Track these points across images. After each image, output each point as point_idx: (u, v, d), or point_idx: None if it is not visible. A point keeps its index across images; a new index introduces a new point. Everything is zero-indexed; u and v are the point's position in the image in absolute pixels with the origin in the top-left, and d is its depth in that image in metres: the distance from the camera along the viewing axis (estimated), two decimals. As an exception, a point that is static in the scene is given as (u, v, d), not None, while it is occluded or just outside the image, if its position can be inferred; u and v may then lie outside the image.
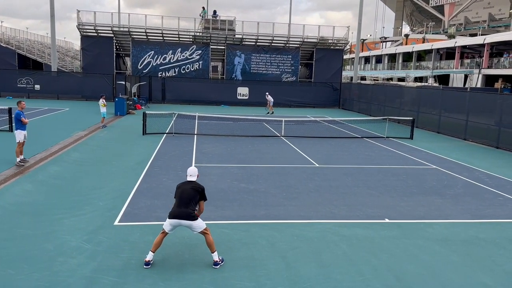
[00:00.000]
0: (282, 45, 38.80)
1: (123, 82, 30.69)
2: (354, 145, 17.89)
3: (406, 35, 73.90)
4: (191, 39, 37.88)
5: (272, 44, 38.64)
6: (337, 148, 16.99)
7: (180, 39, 37.54)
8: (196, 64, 37.54)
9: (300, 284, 5.87)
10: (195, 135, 18.75)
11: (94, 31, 36.17)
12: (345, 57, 55.06)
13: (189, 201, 6.18)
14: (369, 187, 11.07)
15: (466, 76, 45.34)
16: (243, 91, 37.15)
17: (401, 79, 54.54)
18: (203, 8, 40.21)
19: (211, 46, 37.87)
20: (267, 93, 30.92)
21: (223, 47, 38.48)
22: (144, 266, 6.15)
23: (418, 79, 52.04)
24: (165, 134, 18.48)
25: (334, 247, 7.18)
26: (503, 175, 13.04)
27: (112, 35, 36.26)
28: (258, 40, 38.26)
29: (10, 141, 14.03)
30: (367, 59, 72.83)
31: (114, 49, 36.71)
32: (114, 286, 5.64)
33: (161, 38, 37.08)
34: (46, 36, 55.22)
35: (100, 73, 34.24)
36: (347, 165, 13.84)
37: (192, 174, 6.48)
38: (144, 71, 36.54)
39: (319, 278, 6.08)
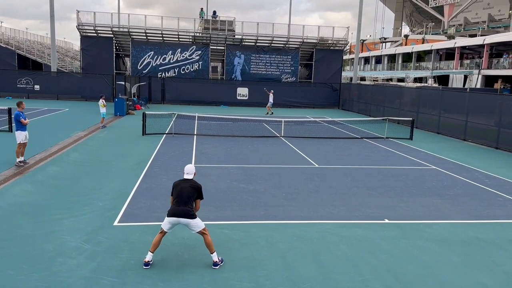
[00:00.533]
0: (282, 45, 38.81)
1: (123, 83, 30.69)
2: (354, 145, 17.89)
3: (406, 36, 73.88)
4: (190, 40, 37.88)
5: (272, 44, 38.66)
6: (336, 148, 17.00)
7: (180, 39, 37.54)
8: (196, 65, 37.55)
9: (300, 285, 5.87)
10: (195, 136, 18.75)
11: (93, 31, 36.17)
12: (344, 57, 55.06)
13: (188, 199, 6.20)
14: (368, 188, 11.08)
15: (465, 77, 45.36)
16: (242, 92, 37.16)
17: (401, 80, 54.57)
18: (201, 9, 40.26)
19: (211, 47, 37.88)
20: (272, 91, 30.66)
21: (223, 48, 38.49)
22: (144, 267, 6.15)
23: (417, 79, 52.07)
24: (165, 135, 18.49)
25: (334, 247, 7.18)
26: (502, 176, 13.05)
27: (112, 35, 36.26)
28: (258, 41, 38.26)
29: (10, 141, 14.03)
30: (366, 60, 72.85)
31: (114, 50, 36.70)
32: (113, 287, 5.63)
33: (161, 38, 37.09)
34: (45, 37, 55.29)
35: (100, 74, 34.24)
36: (347, 165, 13.85)
37: (189, 172, 6.49)
38: (143, 72, 36.54)
39: (318, 278, 6.08)
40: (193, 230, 6.26)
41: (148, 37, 36.99)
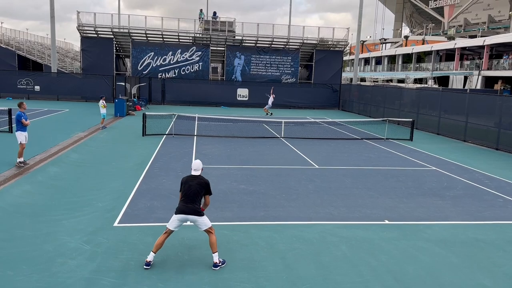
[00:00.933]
0: (282, 46, 38.83)
1: (123, 83, 30.72)
2: (354, 146, 17.89)
3: (406, 37, 73.86)
4: (191, 41, 37.90)
5: (272, 45, 38.66)
6: (336, 149, 17.00)
7: (180, 40, 37.56)
8: (196, 66, 37.56)
9: (299, 286, 5.87)
10: (195, 136, 18.76)
11: (94, 32, 36.19)
12: (344, 58, 55.10)
13: (195, 197, 6.23)
14: (368, 189, 11.07)
15: (465, 78, 45.37)
16: (242, 93, 37.17)
17: (401, 81, 54.58)
18: (201, 10, 40.34)
19: (211, 48, 37.90)
20: (273, 95, 30.50)
21: (223, 49, 38.51)
22: (144, 267, 6.15)
23: (417, 80, 52.08)
24: (165, 135, 18.49)
25: (334, 248, 7.17)
26: (502, 177, 13.04)
27: (112, 36, 36.28)
28: (258, 42, 38.28)
29: (10, 142, 14.04)
30: (366, 61, 72.86)
31: (114, 50, 36.73)
32: (113, 287, 5.63)
33: (161, 39, 37.10)
34: (46, 37, 55.31)
35: (100, 74, 34.28)
36: (347, 166, 13.84)
37: (196, 168, 6.48)
38: (144, 72, 36.56)
39: (318, 279, 6.08)
40: (200, 228, 6.30)
41: (148, 38, 37.01)
